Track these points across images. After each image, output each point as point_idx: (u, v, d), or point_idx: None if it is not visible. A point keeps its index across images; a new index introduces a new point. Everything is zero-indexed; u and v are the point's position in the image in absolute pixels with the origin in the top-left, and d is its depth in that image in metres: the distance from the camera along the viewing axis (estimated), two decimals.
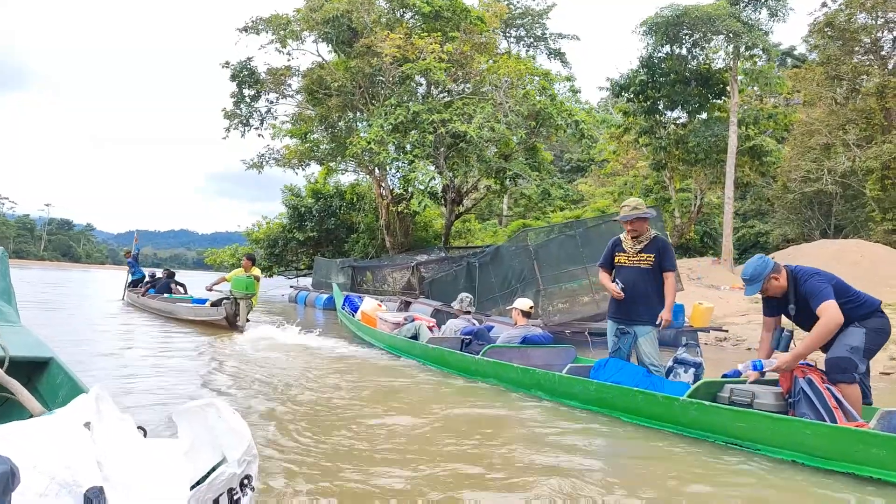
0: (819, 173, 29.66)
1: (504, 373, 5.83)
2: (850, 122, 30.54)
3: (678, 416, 4.12)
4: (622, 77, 20.83)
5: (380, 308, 10.10)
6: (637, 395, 4.42)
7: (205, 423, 1.85)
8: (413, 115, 15.47)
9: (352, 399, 5.24)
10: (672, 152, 21.21)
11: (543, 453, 3.70)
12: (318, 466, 3.34)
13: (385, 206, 19.75)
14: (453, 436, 4.06)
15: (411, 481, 3.14)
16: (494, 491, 3.05)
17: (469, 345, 7.09)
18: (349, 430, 4.10)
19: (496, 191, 21.13)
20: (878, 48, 31.52)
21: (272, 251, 26.40)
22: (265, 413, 4.54)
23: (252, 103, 18.81)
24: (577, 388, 4.95)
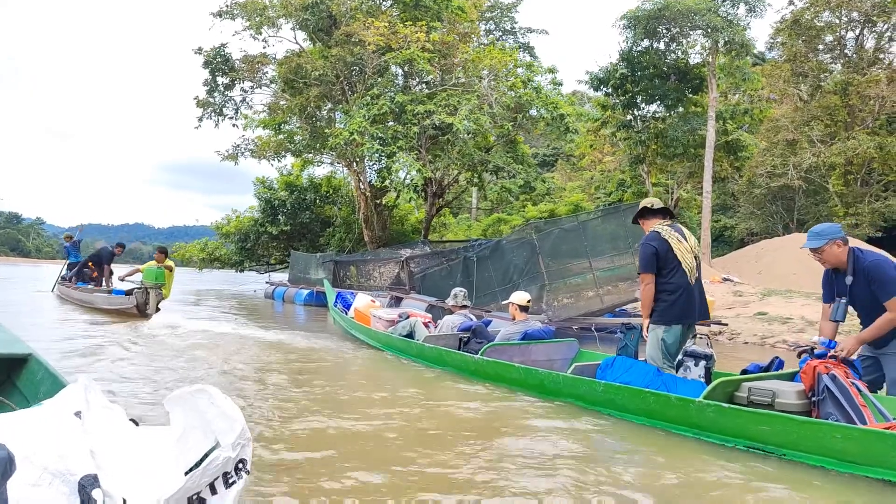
0: (784, 168, 30.34)
1: (506, 373, 5.63)
2: (815, 119, 31.32)
3: (694, 419, 3.95)
4: (601, 70, 20.78)
5: (373, 305, 9.77)
6: (648, 397, 4.25)
7: (197, 408, 1.84)
8: (397, 105, 15.08)
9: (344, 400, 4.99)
10: (650, 146, 21.28)
11: (549, 458, 3.54)
12: (303, 469, 3.13)
13: (364, 199, 19.30)
14: (451, 439, 3.89)
15: (405, 487, 2.98)
16: (497, 497, 2.89)
17: (468, 343, 6.82)
18: (339, 432, 3.93)
19: (476, 184, 20.88)
20: (842, 46, 32.41)
21: (243, 245, 25.68)
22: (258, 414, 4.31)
23: (226, 92, 18.10)
24: (583, 389, 4.77)
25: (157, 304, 10.54)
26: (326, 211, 25.10)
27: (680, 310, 4.60)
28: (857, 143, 28.42)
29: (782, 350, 9.60)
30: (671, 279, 4.61)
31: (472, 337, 6.85)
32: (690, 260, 4.68)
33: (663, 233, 4.71)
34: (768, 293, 16.13)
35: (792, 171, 29.85)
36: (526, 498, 2.88)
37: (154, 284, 10.58)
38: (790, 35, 31.36)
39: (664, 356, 4.64)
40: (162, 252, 11.34)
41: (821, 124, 31.03)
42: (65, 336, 8.24)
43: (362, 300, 9.88)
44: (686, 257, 4.66)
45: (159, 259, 11.09)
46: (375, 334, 8.30)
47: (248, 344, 8.37)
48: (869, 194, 30.12)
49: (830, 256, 4.04)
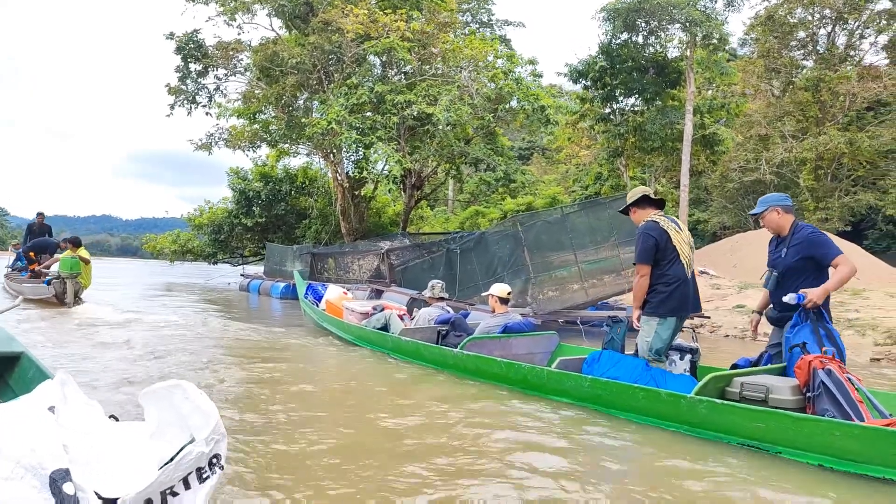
0: (757, 163, 30.75)
1: (486, 367, 5.47)
2: (787, 115, 31.81)
3: (685, 415, 3.84)
4: (580, 63, 20.71)
5: (345, 297, 9.58)
6: (637, 393, 4.12)
7: (171, 404, 1.84)
8: (377, 95, 14.81)
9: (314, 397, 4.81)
10: (629, 140, 21.32)
11: (535, 457, 3.41)
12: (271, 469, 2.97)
13: (341, 191, 18.99)
14: (430, 438, 3.73)
15: (378, 493, 2.82)
16: (481, 501, 2.77)
17: (446, 336, 6.66)
18: (308, 433, 3.74)
19: (455, 176, 20.71)
20: (814, 43, 32.90)
21: (216, 237, 25.17)
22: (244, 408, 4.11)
23: (199, 79, 17.58)
24: (568, 384, 4.63)
25: (75, 294, 10.83)
26: (302, 202, 24.72)
27: (676, 302, 4.49)
28: (829, 139, 28.88)
29: (765, 343, 9.61)
30: (669, 270, 4.51)
31: (451, 330, 6.70)
32: (688, 251, 4.60)
33: (661, 223, 4.60)
34: (745, 286, 16.27)
35: (764, 165, 30.27)
36: (511, 500, 2.76)
37: (70, 274, 10.79)
38: (764, 31, 31.71)
39: (656, 349, 4.55)
40: (72, 242, 11.50)
41: (793, 120, 31.51)
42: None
43: (334, 292, 9.66)
44: (684, 248, 4.57)
45: (71, 249, 11.27)
46: (348, 327, 8.10)
47: (220, 338, 8.13)
48: (839, 189, 30.65)
49: (770, 222, 4.41)
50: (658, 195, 4.96)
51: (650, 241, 4.52)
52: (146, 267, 53.09)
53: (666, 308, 4.49)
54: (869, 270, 19.38)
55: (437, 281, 7.62)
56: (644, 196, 4.84)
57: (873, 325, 9.57)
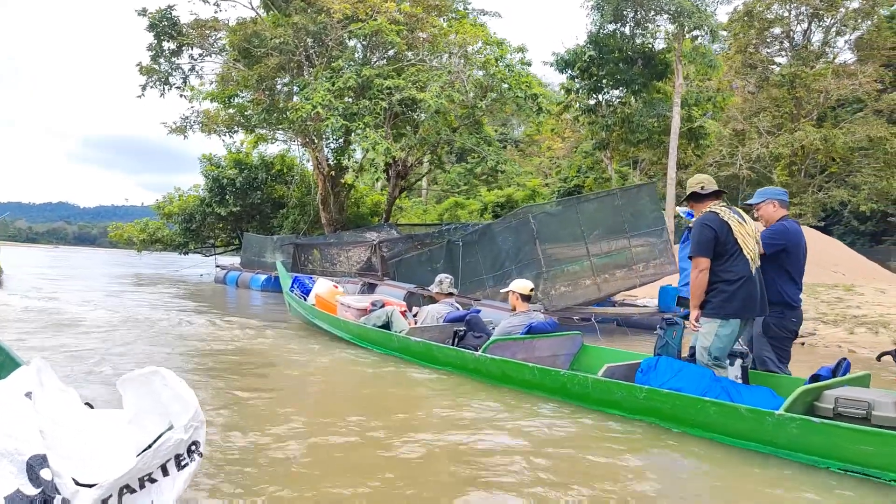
0: (733, 158, 30.94)
1: (516, 373, 4.95)
2: (763, 110, 32.05)
3: (770, 435, 3.38)
4: (568, 52, 20.33)
5: (337, 291, 8.99)
6: (709, 407, 3.63)
7: (150, 390, 1.82)
8: (365, 79, 14.16)
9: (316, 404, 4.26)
10: (615, 132, 21.04)
11: (598, 480, 2.97)
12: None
13: (322, 179, 18.28)
14: (461, 455, 3.21)
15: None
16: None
17: (464, 337, 6.11)
18: (309, 443, 3.19)
19: (438, 165, 20.17)
20: (791, 39, 33.19)
21: (188, 226, 24.20)
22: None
23: (173, 58, 16.63)
24: (619, 395, 4.13)
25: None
26: (278, 191, 23.86)
27: (741, 302, 4.02)
28: (804, 135, 29.18)
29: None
30: (731, 266, 4.04)
31: (468, 330, 6.19)
32: (753, 245, 4.12)
33: (722, 214, 4.14)
34: None
35: (740, 160, 30.46)
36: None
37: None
38: (742, 26, 31.85)
39: (715, 355, 4.11)
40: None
41: (768, 115, 31.77)
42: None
43: (324, 285, 9.04)
44: (748, 242, 4.10)
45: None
46: (345, 325, 7.49)
47: (202, 338, 7.51)
48: (812, 185, 30.98)
49: (765, 213, 4.52)
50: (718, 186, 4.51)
51: (708, 233, 4.07)
52: (108, 256, 51.35)
53: (729, 309, 4.02)
54: (849, 264, 19.55)
55: (445, 275, 7.10)
56: (695, 192, 4.38)
57: (884, 323, 9.40)
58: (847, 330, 9.33)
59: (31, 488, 1.52)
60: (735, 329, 4.05)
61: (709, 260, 4.06)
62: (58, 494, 1.55)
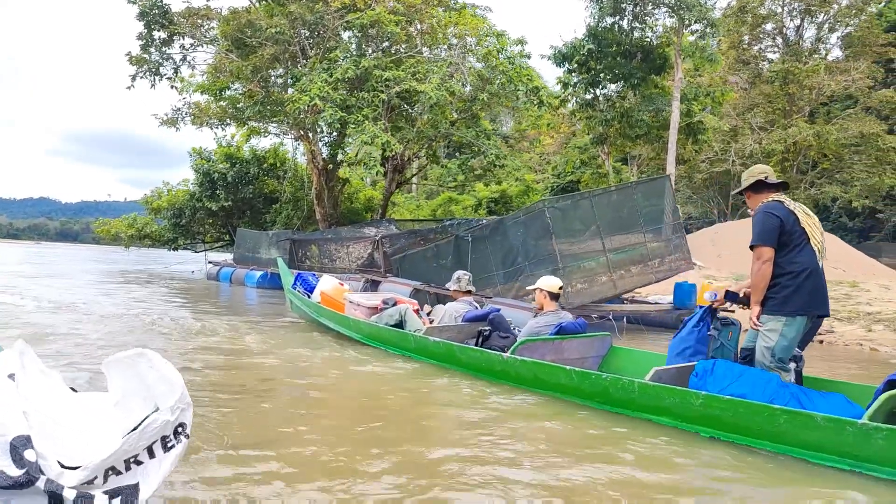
0: (725, 155, 30.91)
1: (550, 377, 4.63)
2: (756, 106, 32.05)
3: (851, 447, 3.09)
4: (566, 46, 20.05)
5: (342, 288, 8.67)
6: (779, 416, 3.33)
7: (136, 373, 1.80)
8: (363, 70, 13.79)
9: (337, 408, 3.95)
10: (613, 126, 20.80)
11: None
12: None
13: (317, 173, 17.87)
14: (502, 469, 2.90)
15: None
16: None
17: (489, 337, 5.80)
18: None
19: (434, 160, 19.82)
20: (784, 35, 33.19)
21: (177, 222, 23.68)
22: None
23: (164, 48, 16.12)
24: (670, 401, 3.82)
25: None
26: (271, 186, 23.39)
27: (807, 297, 3.71)
28: (797, 131, 29.18)
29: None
30: (796, 257, 3.73)
31: (493, 330, 5.88)
32: (820, 237, 3.83)
33: (787, 202, 3.86)
34: (739, 277, 15.99)
35: (733, 156, 30.43)
36: None
37: None
38: (736, 22, 31.79)
39: (780, 356, 3.81)
40: None
41: (762, 111, 31.76)
42: None
43: (329, 282, 8.71)
44: (815, 233, 3.80)
45: None
46: (355, 323, 7.15)
47: (197, 333, 7.16)
48: (804, 181, 31.03)
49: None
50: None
51: (773, 221, 3.76)
52: (91, 252, 50.45)
53: (794, 304, 3.71)
54: (846, 260, 19.50)
55: (464, 273, 6.78)
56: (760, 181, 4.08)
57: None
58: (864, 327, 9.16)
59: (15, 469, 1.50)
60: (801, 327, 3.76)
61: (773, 250, 3.75)
62: (42, 475, 1.53)
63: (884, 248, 33.98)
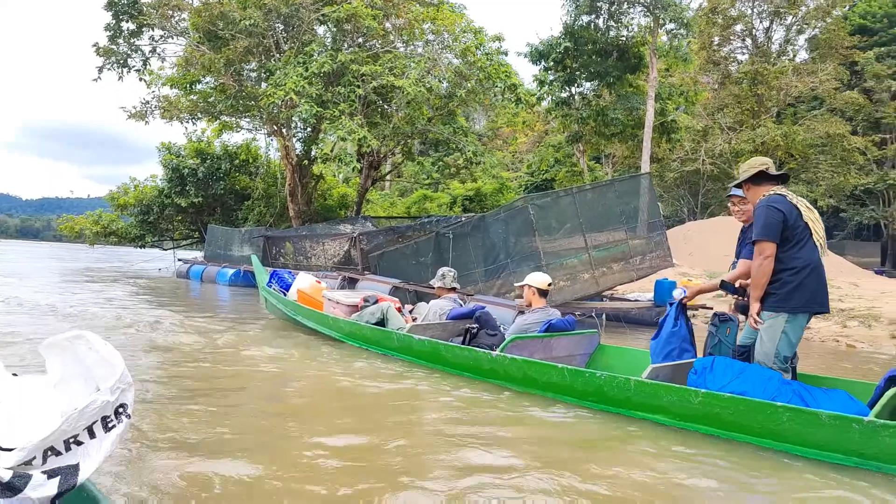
0: (696, 154, 31.35)
1: (542, 375, 4.52)
2: (726, 107, 32.57)
3: (857, 444, 3.04)
4: (542, 43, 20.03)
5: (320, 286, 8.48)
6: (780, 413, 3.27)
7: (74, 354, 1.81)
8: (340, 65, 13.55)
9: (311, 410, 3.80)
10: (588, 124, 20.86)
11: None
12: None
13: (291, 169, 17.55)
14: (495, 474, 2.79)
15: None
16: None
17: (476, 335, 5.69)
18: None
19: (410, 157, 19.64)
20: (753, 37, 33.78)
21: (145, 219, 23.08)
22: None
23: (132, 39, 15.62)
24: (667, 400, 3.74)
25: None
26: (242, 182, 22.94)
27: (810, 293, 3.63)
28: (765, 131, 29.71)
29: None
30: (798, 253, 3.65)
31: (480, 328, 5.76)
32: (821, 231, 3.74)
33: (790, 196, 3.75)
34: (712, 274, 16.14)
35: (703, 156, 30.86)
36: None
37: None
38: (707, 23, 32.22)
39: (784, 355, 3.74)
40: None
41: (731, 112, 32.29)
42: None
43: (306, 280, 8.51)
44: (817, 228, 3.71)
45: None
46: (335, 322, 6.97)
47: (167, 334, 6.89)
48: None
49: (741, 211, 4.26)
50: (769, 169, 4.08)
51: (776, 215, 3.65)
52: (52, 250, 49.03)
53: (797, 301, 3.63)
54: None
55: (448, 269, 6.64)
56: (762, 171, 3.93)
57: (874, 316, 9.39)
58: (839, 324, 9.28)
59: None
60: (804, 325, 3.69)
61: (775, 245, 3.65)
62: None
63: (847, 246, 34.85)
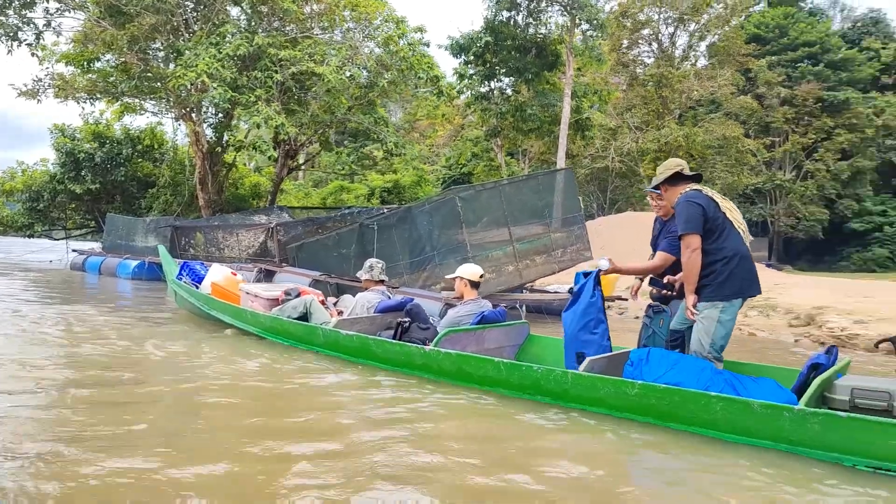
0: (605, 152, 32.63)
1: (477, 370, 4.45)
2: (634, 107, 34.07)
3: (787, 432, 3.15)
4: (463, 37, 20.06)
5: (236, 278, 8.11)
6: (715, 403, 3.36)
7: None
8: (256, 48, 12.98)
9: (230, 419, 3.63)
10: (507, 120, 21.13)
11: (594, 493, 2.68)
12: None
13: (200, 157, 16.68)
14: (428, 472, 2.76)
15: None
16: None
17: (408, 329, 5.58)
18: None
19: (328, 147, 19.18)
20: (659, 41, 35.44)
21: (34, 206, 21.24)
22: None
23: (24, 11, 14.24)
24: (605, 391, 3.78)
25: None
26: (146, 168, 21.57)
27: (741, 280, 3.77)
28: (669, 132, 31.38)
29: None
30: (725, 243, 3.79)
31: (412, 321, 5.64)
32: (741, 219, 3.93)
33: (705, 190, 3.92)
34: None
35: (612, 154, 32.17)
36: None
37: None
38: (617, 26, 33.49)
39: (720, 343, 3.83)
40: None
41: (639, 112, 33.82)
42: None
43: (220, 272, 8.07)
44: (737, 217, 3.90)
45: None
46: (254, 317, 6.64)
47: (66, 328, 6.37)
48: None
49: (661, 207, 4.41)
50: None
51: (696, 209, 3.79)
52: None
53: (730, 288, 3.76)
54: None
55: (376, 260, 6.45)
56: (678, 172, 4.12)
57: (771, 306, 9.99)
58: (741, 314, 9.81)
59: None
60: (737, 310, 3.84)
61: (700, 237, 3.78)
62: None
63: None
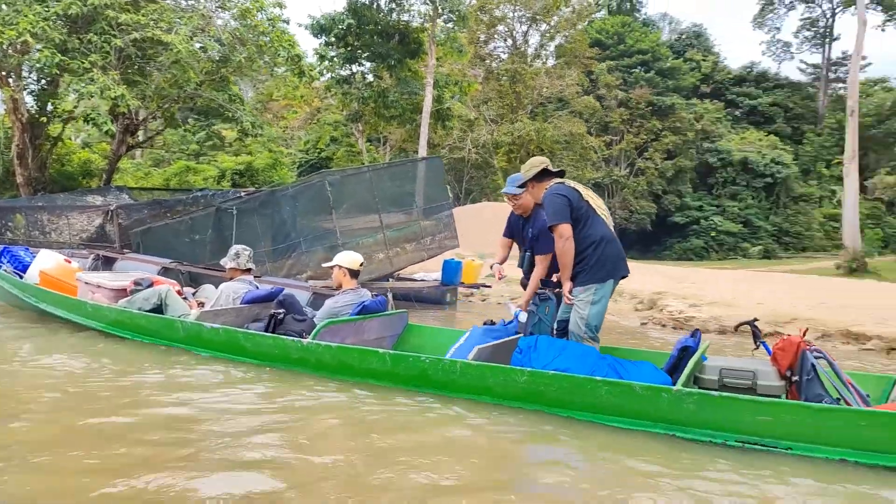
0: (462, 143, 33.48)
1: (360, 362, 4.29)
2: (490, 100, 35.23)
3: (665, 412, 3.32)
4: (324, 17, 19.38)
5: (70, 266, 7.22)
6: (599, 388, 3.45)
7: None
8: (91, 8, 11.57)
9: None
10: (369, 105, 20.80)
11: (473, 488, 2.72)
12: None
13: (20, 128, 14.63)
14: (309, 475, 2.69)
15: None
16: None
17: (283, 321, 5.26)
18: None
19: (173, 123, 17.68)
20: (514, 38, 36.86)
21: None
22: None
23: None
24: (494, 380, 3.77)
25: None
26: None
27: (612, 263, 4.02)
28: (522, 126, 32.91)
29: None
30: (591, 230, 4.03)
31: (286, 312, 5.29)
32: (603, 206, 4.21)
33: (569, 183, 4.16)
34: (483, 256, 17.24)
35: (469, 145, 33.09)
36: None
37: None
38: (475, 20, 34.31)
39: (595, 324, 4.00)
40: None
41: (495, 105, 35.04)
42: None
43: (50, 259, 7.12)
44: (599, 204, 4.17)
45: None
46: (96, 310, 5.87)
47: None
48: None
49: (537, 192, 4.39)
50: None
51: (562, 200, 4.00)
52: None
53: (602, 272, 3.98)
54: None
55: (242, 248, 5.94)
56: (546, 168, 4.32)
57: (618, 291, 10.69)
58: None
59: None
60: (610, 291, 4.04)
61: (570, 226, 3.96)
62: None
63: None
